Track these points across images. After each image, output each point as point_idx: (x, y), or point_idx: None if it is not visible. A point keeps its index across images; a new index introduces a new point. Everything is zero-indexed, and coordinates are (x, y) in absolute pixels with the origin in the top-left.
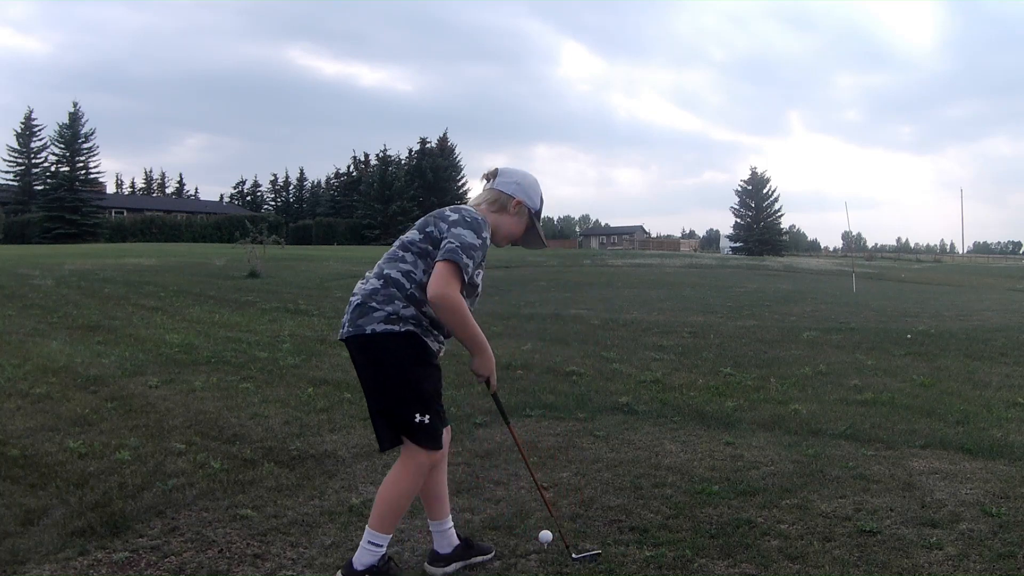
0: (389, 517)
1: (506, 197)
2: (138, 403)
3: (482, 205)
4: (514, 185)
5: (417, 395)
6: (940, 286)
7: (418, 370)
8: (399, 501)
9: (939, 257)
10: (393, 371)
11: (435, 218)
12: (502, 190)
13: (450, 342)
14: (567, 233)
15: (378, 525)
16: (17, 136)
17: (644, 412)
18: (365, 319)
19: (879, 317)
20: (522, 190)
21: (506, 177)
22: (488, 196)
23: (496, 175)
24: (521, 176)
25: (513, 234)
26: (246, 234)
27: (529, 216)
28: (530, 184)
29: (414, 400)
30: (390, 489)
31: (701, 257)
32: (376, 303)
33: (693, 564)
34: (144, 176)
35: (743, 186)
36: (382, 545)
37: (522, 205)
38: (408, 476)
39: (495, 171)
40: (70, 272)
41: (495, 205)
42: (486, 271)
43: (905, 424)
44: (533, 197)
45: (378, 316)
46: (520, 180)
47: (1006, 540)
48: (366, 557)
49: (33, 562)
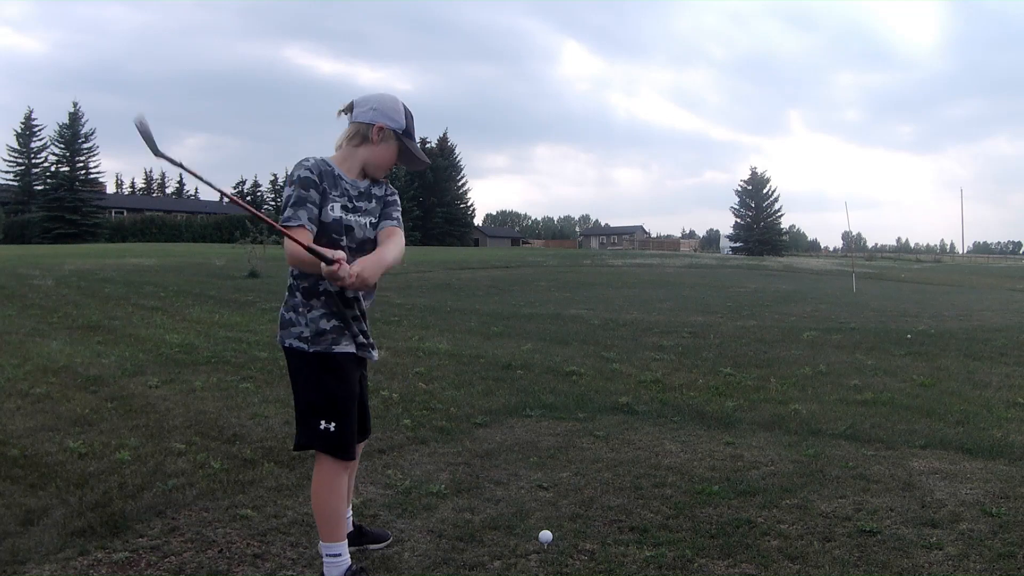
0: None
1: (365, 127)
2: (138, 403)
3: (341, 144)
4: (371, 112)
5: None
6: (940, 286)
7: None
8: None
9: (939, 257)
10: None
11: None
12: (360, 120)
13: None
14: (567, 233)
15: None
16: (17, 136)
17: (644, 412)
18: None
19: (879, 317)
20: (381, 114)
21: (361, 107)
22: (347, 132)
23: (352, 107)
24: (376, 100)
25: (385, 162)
26: (246, 234)
27: (396, 138)
28: (388, 105)
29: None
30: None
31: (701, 257)
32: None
33: (693, 564)
34: (144, 176)
35: (743, 186)
36: (340, 554)
37: (384, 130)
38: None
39: (350, 104)
40: (70, 272)
41: (356, 139)
42: (486, 271)
43: (905, 424)
44: (395, 117)
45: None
46: (376, 105)
47: (1006, 540)
48: (332, 570)
49: (33, 562)
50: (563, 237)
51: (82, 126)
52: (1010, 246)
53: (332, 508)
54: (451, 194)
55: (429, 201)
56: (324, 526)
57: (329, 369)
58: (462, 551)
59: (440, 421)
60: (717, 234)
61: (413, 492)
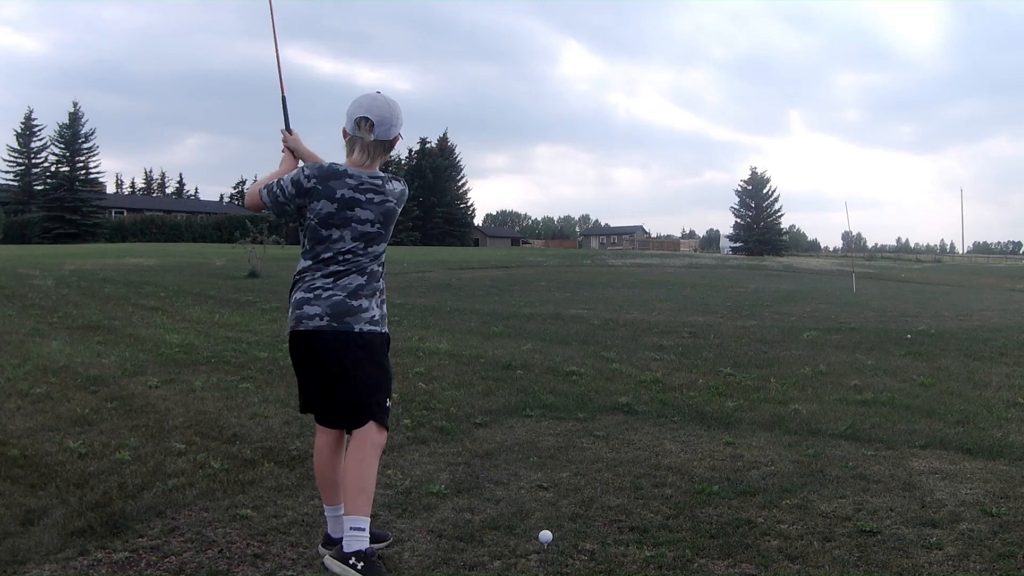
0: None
1: (392, 142)
2: (138, 403)
3: (377, 161)
4: (395, 129)
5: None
6: (940, 286)
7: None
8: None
9: (939, 257)
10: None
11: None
12: (387, 139)
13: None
14: (567, 233)
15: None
16: (17, 136)
17: (644, 412)
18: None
19: (879, 317)
20: (349, 120)
21: (384, 125)
22: (379, 151)
23: (373, 127)
24: (392, 117)
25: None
26: (246, 234)
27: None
28: (400, 115)
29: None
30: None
31: (701, 257)
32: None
33: (693, 564)
34: (144, 176)
35: (743, 186)
36: (365, 529)
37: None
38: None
39: (370, 124)
40: (70, 272)
41: (347, 149)
42: (486, 271)
43: (905, 424)
44: (402, 121)
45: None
46: (396, 121)
47: (1006, 540)
48: (353, 544)
49: (33, 562)
50: (563, 237)
51: (82, 126)
52: (1010, 246)
53: (373, 484)
54: (451, 194)
55: (429, 201)
56: (363, 497)
57: (389, 349)
58: (462, 551)
59: (440, 421)
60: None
61: (413, 492)
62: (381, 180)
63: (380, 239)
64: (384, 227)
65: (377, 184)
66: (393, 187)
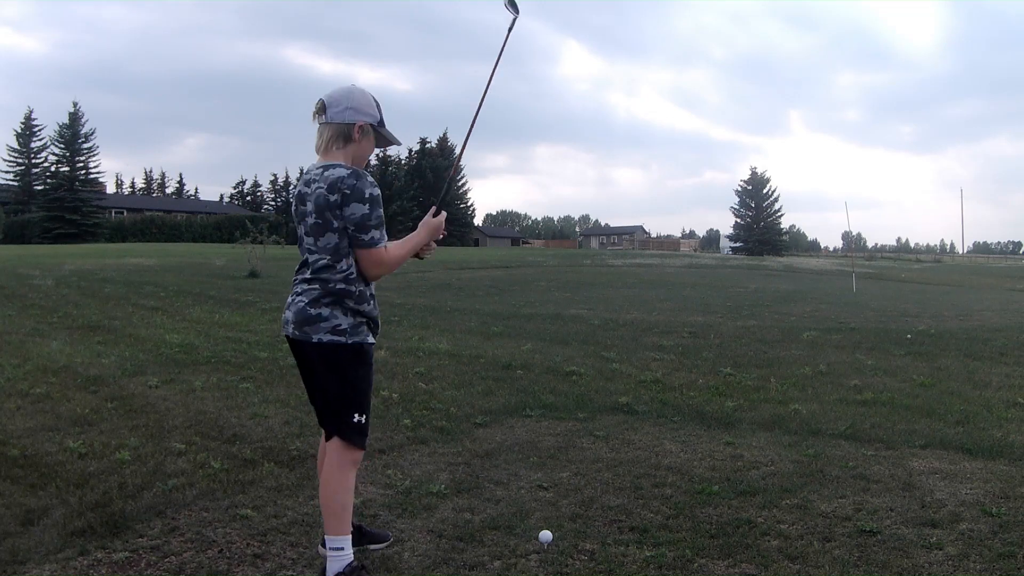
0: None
1: (347, 127)
2: (138, 403)
3: (326, 147)
4: (349, 111)
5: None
6: (940, 286)
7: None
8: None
9: (939, 257)
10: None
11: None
12: (340, 121)
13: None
14: (567, 233)
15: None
16: (17, 136)
17: (644, 412)
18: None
19: (879, 317)
20: (358, 112)
21: (336, 107)
22: (329, 134)
23: (325, 108)
24: (348, 98)
25: (367, 154)
26: (246, 234)
27: (374, 130)
28: (361, 100)
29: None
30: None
31: (701, 257)
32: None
33: (693, 564)
34: (144, 176)
35: (743, 186)
36: (344, 548)
37: (364, 126)
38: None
39: (321, 104)
40: (70, 272)
41: (340, 140)
42: (486, 271)
43: (905, 424)
44: (370, 111)
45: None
46: (352, 104)
47: (1006, 540)
48: (335, 564)
49: (33, 562)
50: (563, 237)
51: (82, 126)
52: (1010, 246)
53: (343, 501)
54: (451, 194)
55: (429, 201)
56: (332, 519)
57: (364, 362)
58: (462, 551)
59: (440, 421)
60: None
61: (413, 492)
62: (323, 168)
63: (321, 229)
64: (320, 215)
65: (319, 173)
66: (331, 173)
